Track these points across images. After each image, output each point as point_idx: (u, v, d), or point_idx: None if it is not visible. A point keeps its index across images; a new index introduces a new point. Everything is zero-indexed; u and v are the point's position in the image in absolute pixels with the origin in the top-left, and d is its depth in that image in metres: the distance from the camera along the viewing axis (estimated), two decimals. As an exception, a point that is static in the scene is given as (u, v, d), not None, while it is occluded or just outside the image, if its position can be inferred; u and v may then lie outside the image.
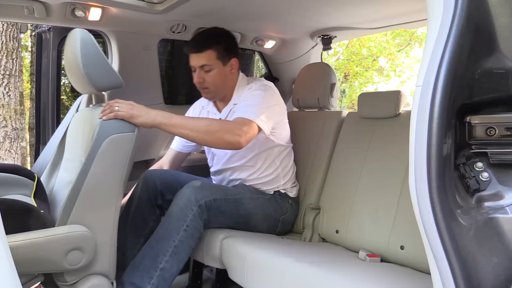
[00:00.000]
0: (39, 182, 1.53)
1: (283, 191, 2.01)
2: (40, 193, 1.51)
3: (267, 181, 1.98)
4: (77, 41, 1.45)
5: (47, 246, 1.31)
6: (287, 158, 2.05)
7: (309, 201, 2.05)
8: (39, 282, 1.35)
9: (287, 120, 2.04)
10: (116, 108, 1.47)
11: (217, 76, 1.88)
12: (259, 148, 1.93)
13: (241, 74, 1.99)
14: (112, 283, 1.51)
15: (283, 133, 1.99)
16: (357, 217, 1.79)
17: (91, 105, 1.69)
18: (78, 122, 1.66)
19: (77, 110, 1.95)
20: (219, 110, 2.00)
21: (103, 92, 1.62)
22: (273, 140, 1.94)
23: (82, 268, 1.39)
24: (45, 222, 1.35)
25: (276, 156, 1.99)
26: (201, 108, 2.09)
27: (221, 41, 1.88)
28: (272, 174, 1.98)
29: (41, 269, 1.35)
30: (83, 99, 2.00)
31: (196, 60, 1.87)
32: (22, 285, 1.17)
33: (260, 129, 1.75)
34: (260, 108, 1.77)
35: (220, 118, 1.94)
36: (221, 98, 1.98)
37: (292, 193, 2.05)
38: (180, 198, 1.70)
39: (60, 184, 1.62)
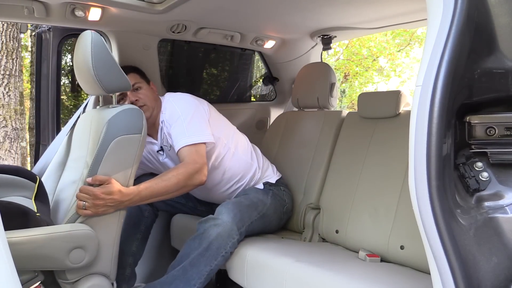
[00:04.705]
0: (40, 184, 1.52)
1: (272, 181, 2.04)
2: (41, 195, 1.49)
3: (243, 176, 1.98)
4: (88, 42, 1.47)
5: (50, 243, 1.31)
6: (240, 144, 2.02)
7: (309, 201, 2.05)
8: (39, 281, 1.34)
9: (213, 111, 2.00)
10: (83, 204, 1.41)
11: (146, 93, 1.92)
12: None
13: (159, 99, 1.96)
14: (112, 284, 1.51)
15: (214, 126, 1.92)
16: (357, 217, 1.79)
17: (98, 107, 1.70)
18: (85, 123, 1.67)
19: (83, 111, 1.97)
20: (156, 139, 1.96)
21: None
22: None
23: (84, 266, 1.40)
24: (41, 225, 1.34)
25: (227, 151, 1.95)
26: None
27: (134, 69, 1.99)
28: (241, 166, 1.98)
29: (44, 265, 1.35)
30: (90, 100, 2.02)
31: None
32: (23, 284, 1.18)
33: (205, 143, 1.78)
34: (191, 122, 1.79)
35: (161, 147, 1.92)
36: (153, 123, 1.92)
37: (278, 176, 2.08)
38: (222, 227, 1.66)
39: (64, 183, 1.63)
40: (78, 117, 1.88)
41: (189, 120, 1.79)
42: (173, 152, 1.84)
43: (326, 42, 2.52)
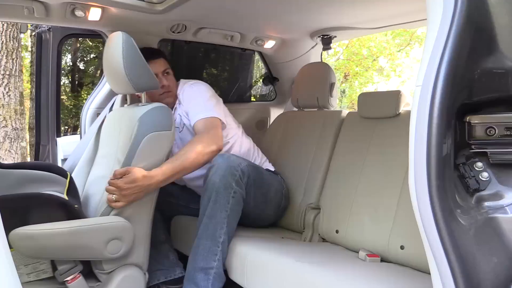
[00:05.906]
0: (71, 179, 1.58)
1: (271, 169, 2.09)
2: (72, 190, 1.55)
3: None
4: (119, 43, 1.54)
5: (90, 234, 1.39)
6: (244, 136, 2.12)
7: (309, 201, 2.05)
8: (79, 271, 1.41)
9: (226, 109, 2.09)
10: (112, 197, 1.46)
11: (172, 79, 2.04)
12: None
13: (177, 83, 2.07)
14: (144, 274, 1.58)
15: (226, 116, 2.01)
16: (357, 217, 1.79)
17: (125, 105, 1.77)
18: (114, 120, 1.74)
19: (110, 110, 2.03)
20: None
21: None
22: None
23: (120, 257, 1.46)
24: (79, 216, 1.42)
25: (235, 139, 2.04)
26: None
27: (164, 55, 2.09)
28: (245, 154, 2.04)
29: (83, 255, 1.42)
30: (116, 99, 2.10)
31: (157, 66, 1.98)
32: (64, 273, 1.37)
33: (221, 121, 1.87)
34: (208, 100, 1.90)
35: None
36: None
37: (273, 168, 2.15)
38: (219, 168, 1.68)
39: (93, 178, 1.70)
40: (105, 116, 1.93)
41: (207, 99, 1.90)
42: (184, 134, 1.93)
43: (326, 42, 2.53)
